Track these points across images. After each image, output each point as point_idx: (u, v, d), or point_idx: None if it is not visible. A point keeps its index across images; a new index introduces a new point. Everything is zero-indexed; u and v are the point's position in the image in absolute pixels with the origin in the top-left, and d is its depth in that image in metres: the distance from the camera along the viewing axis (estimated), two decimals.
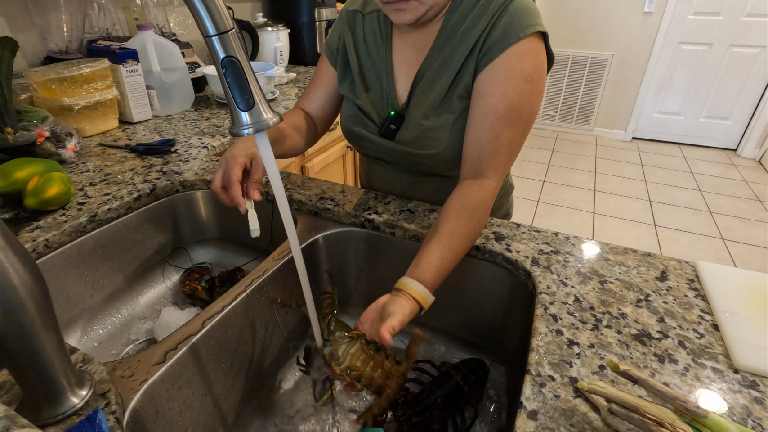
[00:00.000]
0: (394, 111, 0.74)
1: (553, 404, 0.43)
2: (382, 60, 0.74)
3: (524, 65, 0.63)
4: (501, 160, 0.65)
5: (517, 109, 0.64)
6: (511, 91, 0.63)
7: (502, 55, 0.63)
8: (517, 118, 0.64)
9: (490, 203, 0.64)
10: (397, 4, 0.62)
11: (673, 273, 0.62)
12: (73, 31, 1.23)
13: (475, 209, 0.62)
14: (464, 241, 0.60)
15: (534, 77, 0.64)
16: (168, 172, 0.89)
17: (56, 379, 0.40)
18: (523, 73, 0.63)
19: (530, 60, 0.63)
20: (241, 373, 0.64)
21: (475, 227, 0.62)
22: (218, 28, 0.35)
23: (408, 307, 0.53)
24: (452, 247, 0.59)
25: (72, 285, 0.72)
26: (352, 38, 0.76)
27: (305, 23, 1.86)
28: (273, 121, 0.40)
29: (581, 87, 3.73)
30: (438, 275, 0.57)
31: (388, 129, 0.75)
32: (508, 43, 0.62)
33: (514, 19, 0.62)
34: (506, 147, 0.65)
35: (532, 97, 0.65)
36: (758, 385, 0.46)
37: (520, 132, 0.65)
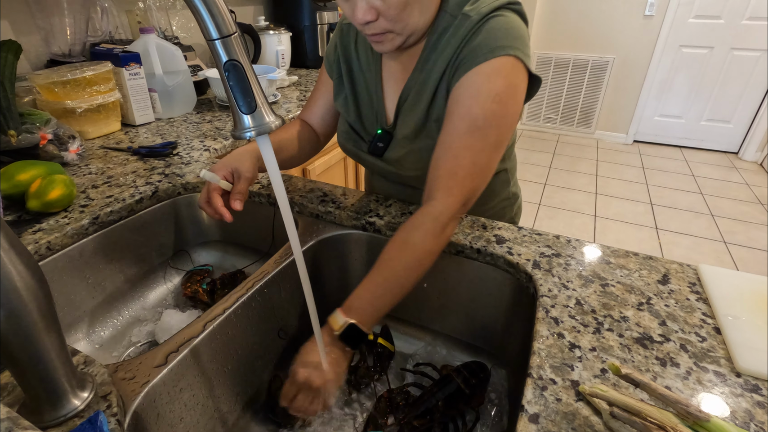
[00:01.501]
0: (382, 129, 0.74)
1: (555, 408, 0.43)
2: (373, 77, 0.73)
3: (492, 84, 0.59)
4: (456, 182, 0.60)
5: (481, 129, 0.59)
6: (477, 109, 0.59)
7: (469, 72, 0.60)
8: (482, 138, 0.60)
9: (432, 226, 0.58)
10: (373, 37, 0.62)
11: (674, 276, 0.62)
12: (76, 34, 1.23)
13: (412, 232, 0.58)
14: (396, 267, 0.57)
15: (503, 98, 0.59)
16: (170, 174, 0.89)
17: (58, 381, 0.40)
18: (491, 92, 0.59)
19: (500, 79, 0.59)
20: (243, 375, 0.64)
21: (408, 252, 0.57)
22: (221, 32, 0.36)
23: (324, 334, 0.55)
24: (382, 273, 0.57)
25: (74, 287, 0.72)
26: (345, 53, 0.76)
27: (307, 26, 1.86)
28: (275, 124, 0.40)
29: (582, 90, 3.73)
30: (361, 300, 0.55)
31: (376, 147, 0.74)
32: (476, 62, 0.59)
33: (488, 38, 0.59)
34: (465, 168, 0.60)
35: (502, 119, 0.60)
36: (760, 389, 0.45)
37: (485, 155, 0.61)
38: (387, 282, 0.56)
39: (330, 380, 0.54)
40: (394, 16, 0.58)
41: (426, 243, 0.58)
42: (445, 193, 0.60)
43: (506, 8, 0.62)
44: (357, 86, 0.76)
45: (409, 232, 0.59)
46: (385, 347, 0.71)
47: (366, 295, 0.56)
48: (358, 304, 0.55)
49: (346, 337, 0.54)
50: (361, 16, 0.57)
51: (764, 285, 0.59)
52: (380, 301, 0.56)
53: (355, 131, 0.77)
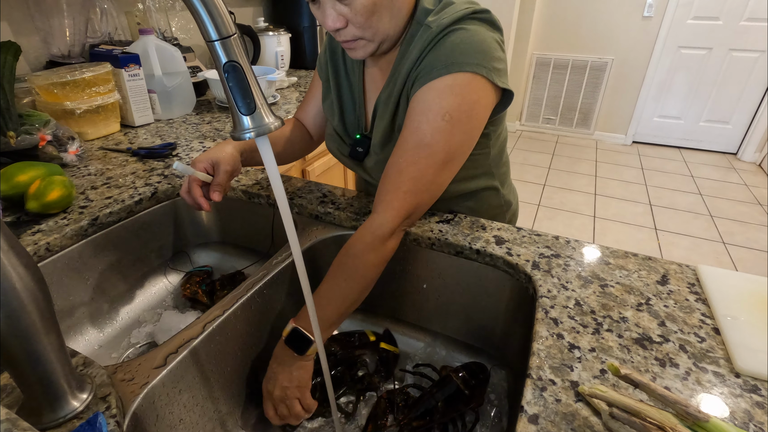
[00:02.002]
0: (360, 135, 0.74)
1: (554, 408, 0.43)
2: (356, 81, 0.74)
3: (443, 101, 0.58)
4: (396, 197, 0.60)
5: (428, 146, 0.58)
6: (425, 126, 0.58)
7: (423, 88, 0.59)
8: (427, 156, 0.58)
9: (371, 241, 0.59)
10: (346, 44, 0.62)
11: (673, 277, 0.62)
12: (75, 35, 1.24)
13: (351, 247, 0.60)
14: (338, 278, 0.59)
15: (454, 116, 0.58)
16: (169, 175, 0.89)
17: (57, 383, 0.40)
18: (441, 110, 0.58)
19: (452, 97, 0.58)
20: (242, 377, 0.64)
21: (348, 265, 0.59)
22: (220, 33, 0.36)
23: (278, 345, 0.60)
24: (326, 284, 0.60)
25: (73, 288, 0.72)
26: (333, 57, 0.76)
27: (306, 28, 1.87)
28: (274, 125, 0.40)
29: (581, 91, 3.74)
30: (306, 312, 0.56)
31: (356, 151, 0.75)
32: (430, 77, 0.58)
33: (445, 53, 0.58)
34: (407, 184, 0.59)
35: (451, 136, 0.58)
36: (759, 389, 0.45)
37: (431, 171, 0.59)
38: (329, 292, 0.59)
39: (286, 387, 0.57)
40: (362, 23, 0.58)
41: (365, 255, 0.59)
42: (386, 207, 0.60)
43: (471, 19, 0.60)
44: (342, 90, 0.76)
45: (350, 245, 0.60)
46: (389, 351, 0.71)
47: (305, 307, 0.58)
48: (304, 314, 0.58)
49: (291, 342, 0.57)
50: (331, 23, 0.58)
51: (763, 285, 0.59)
52: (323, 311, 0.57)
53: (338, 135, 0.78)
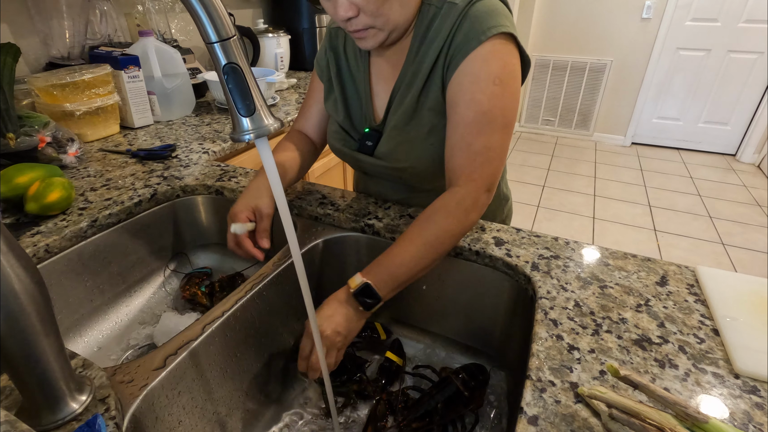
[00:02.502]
0: (369, 128, 0.74)
1: (554, 410, 0.43)
2: (362, 77, 0.74)
3: (490, 67, 0.60)
4: (475, 168, 0.62)
5: (488, 113, 0.61)
6: (479, 95, 0.60)
7: (466, 60, 0.61)
8: (489, 123, 0.61)
9: (455, 210, 0.61)
10: (356, 33, 0.63)
11: (673, 278, 0.62)
12: (75, 37, 1.24)
13: (434, 213, 0.61)
14: (415, 243, 0.60)
15: (503, 78, 0.61)
16: (169, 177, 0.89)
17: (56, 385, 0.40)
18: (490, 76, 0.60)
19: (496, 61, 0.61)
20: (241, 378, 0.63)
21: (429, 229, 0.60)
22: (220, 35, 0.36)
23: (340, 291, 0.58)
24: (402, 245, 0.60)
25: (72, 290, 0.72)
26: (334, 55, 0.76)
27: (306, 29, 1.87)
28: (274, 127, 0.40)
29: (580, 92, 3.74)
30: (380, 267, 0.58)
31: (365, 145, 0.75)
32: (470, 48, 0.60)
33: (475, 22, 0.60)
34: (481, 155, 0.62)
35: (505, 100, 0.61)
36: (759, 391, 0.45)
37: (497, 137, 0.62)
38: (406, 253, 0.59)
39: (339, 332, 0.56)
40: (374, 11, 0.59)
41: (447, 223, 0.60)
42: (467, 180, 0.62)
43: None
44: (346, 87, 0.76)
45: (432, 212, 0.61)
46: (393, 361, 0.70)
47: (385, 262, 0.58)
48: (376, 270, 0.58)
49: (360, 296, 0.56)
50: (343, 12, 0.58)
51: (763, 286, 0.59)
52: (398, 270, 0.58)
53: (344, 130, 0.78)
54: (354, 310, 0.57)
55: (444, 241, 0.60)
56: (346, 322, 0.56)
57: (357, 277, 0.57)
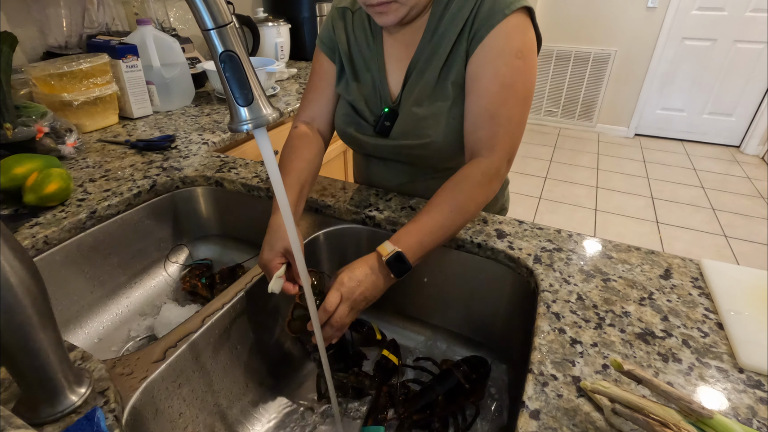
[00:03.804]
0: (388, 108, 0.73)
1: (556, 404, 0.43)
2: (374, 56, 0.73)
3: (513, 42, 0.63)
4: (498, 139, 0.64)
5: (511, 86, 0.63)
6: (503, 69, 0.63)
7: (490, 34, 0.63)
8: (512, 95, 0.64)
9: (481, 179, 0.63)
10: (378, 8, 0.62)
11: (677, 271, 0.62)
12: (72, 26, 1.22)
13: (460, 182, 0.63)
14: (443, 210, 0.61)
15: (525, 53, 0.63)
16: (168, 168, 0.88)
17: (54, 378, 0.39)
18: (513, 50, 0.63)
19: (519, 36, 0.63)
20: (241, 370, 0.63)
21: (457, 197, 0.62)
22: (216, 22, 0.35)
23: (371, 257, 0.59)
24: (429, 213, 0.61)
25: (72, 281, 0.72)
26: (342, 36, 0.75)
27: (306, 18, 1.84)
28: (272, 117, 0.39)
29: (584, 83, 3.70)
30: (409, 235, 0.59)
31: (383, 126, 0.74)
32: (494, 21, 0.62)
33: None
34: (504, 126, 0.64)
35: (526, 73, 0.64)
36: (763, 385, 0.45)
37: (518, 109, 0.65)
38: (434, 221, 0.60)
39: (367, 297, 0.57)
40: None
41: (473, 191, 0.63)
42: (491, 150, 0.64)
43: None
44: (357, 68, 0.75)
45: (458, 181, 0.63)
46: (390, 359, 0.70)
47: (414, 230, 0.60)
48: (405, 238, 0.59)
49: (393, 264, 0.57)
50: None
51: (767, 280, 0.59)
52: (427, 238, 0.59)
53: (358, 113, 0.76)
54: (383, 278, 0.58)
55: (470, 209, 0.63)
56: (374, 289, 0.58)
57: (387, 245, 0.58)
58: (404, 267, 0.58)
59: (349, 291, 0.56)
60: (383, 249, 0.58)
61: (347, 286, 0.56)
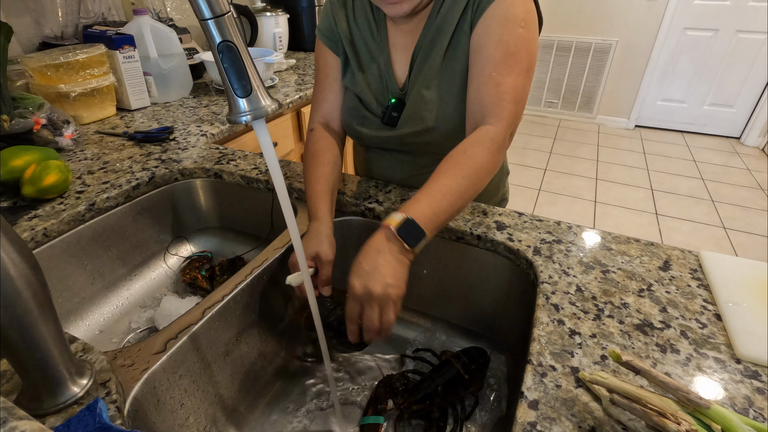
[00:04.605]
0: (395, 98, 0.73)
1: (555, 394, 0.43)
2: (378, 45, 0.73)
3: (516, 10, 0.62)
4: (504, 107, 0.62)
5: (515, 55, 0.62)
6: (507, 36, 0.62)
7: (493, 3, 0.62)
8: (516, 63, 0.62)
9: (489, 145, 0.60)
10: None
11: (676, 263, 0.62)
12: (68, 16, 1.21)
13: (470, 147, 0.60)
14: (452, 175, 0.57)
15: (528, 22, 0.63)
16: (167, 160, 0.88)
17: (56, 369, 0.40)
18: (516, 18, 0.62)
19: (521, 5, 0.63)
20: (242, 361, 0.64)
21: (467, 163, 0.58)
22: (214, 11, 0.34)
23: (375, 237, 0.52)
24: (439, 180, 0.56)
25: (72, 274, 0.72)
26: (344, 27, 0.74)
27: (305, 8, 1.82)
28: (271, 108, 0.39)
29: (584, 74, 3.68)
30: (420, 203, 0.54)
31: (391, 117, 0.73)
32: None
33: None
34: (509, 94, 0.62)
35: (529, 43, 0.63)
36: (760, 375, 0.45)
37: (522, 79, 0.63)
38: (446, 188, 0.56)
39: (390, 284, 0.49)
40: None
41: (484, 157, 0.59)
42: (497, 118, 0.62)
43: None
44: (362, 59, 0.74)
45: (467, 147, 0.60)
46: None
47: (424, 198, 0.54)
48: (415, 206, 0.53)
49: (404, 232, 0.51)
50: None
51: (765, 271, 0.59)
52: (438, 205, 0.54)
53: (364, 105, 0.75)
54: (398, 253, 0.51)
55: (481, 177, 0.59)
56: (393, 270, 0.50)
57: (396, 215, 0.52)
58: (418, 234, 0.51)
59: (366, 293, 0.49)
60: (391, 220, 0.52)
61: (359, 287, 0.49)
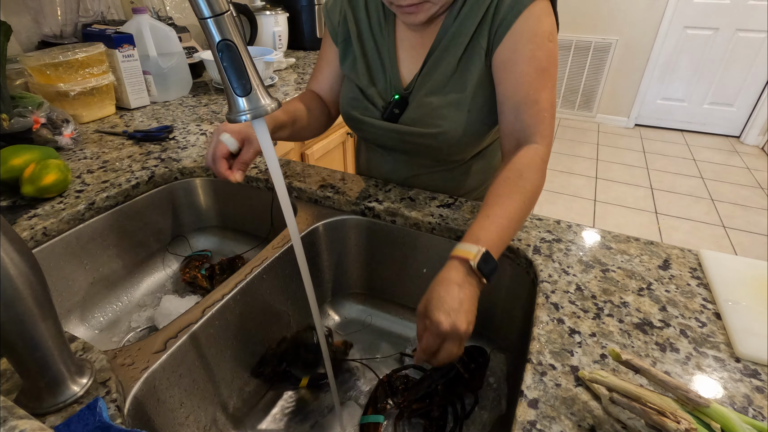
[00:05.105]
0: (399, 95, 0.72)
1: (554, 393, 0.43)
2: (385, 41, 0.72)
3: (544, 25, 0.61)
4: (546, 124, 0.63)
5: (547, 70, 0.62)
6: (539, 52, 0.61)
7: (519, 19, 0.61)
8: (549, 78, 0.62)
9: (542, 166, 0.60)
10: (408, 8, 0.61)
11: (675, 261, 0.62)
12: (67, 14, 1.20)
13: (525, 170, 0.58)
14: (515, 200, 0.56)
15: (554, 34, 0.63)
16: (166, 159, 0.88)
17: (56, 368, 0.40)
18: (545, 33, 0.61)
19: (547, 18, 0.62)
20: (242, 360, 0.64)
21: (525, 186, 0.57)
22: (213, 10, 0.34)
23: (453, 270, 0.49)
24: (501, 205, 0.55)
25: (72, 273, 0.72)
26: (353, 14, 0.73)
27: (304, 7, 1.82)
28: (271, 107, 0.39)
29: (584, 73, 3.68)
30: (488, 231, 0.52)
31: (392, 113, 0.73)
32: (522, 7, 0.61)
33: None
34: (548, 111, 0.63)
35: (556, 56, 0.64)
36: (759, 374, 0.46)
37: (553, 92, 0.64)
38: (510, 213, 0.55)
39: (472, 322, 0.48)
40: None
41: (538, 178, 0.59)
42: (543, 136, 0.62)
43: None
44: (367, 49, 0.73)
45: (521, 168, 0.59)
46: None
47: (492, 227, 0.53)
48: (485, 235, 0.51)
49: (482, 267, 0.49)
50: None
51: (765, 270, 0.59)
52: (506, 232, 0.54)
53: (366, 97, 0.75)
54: (476, 287, 0.49)
55: (534, 199, 0.59)
56: (473, 305, 0.48)
57: (470, 247, 0.50)
58: (494, 266, 0.50)
59: (453, 330, 0.46)
60: (467, 253, 0.49)
61: (447, 324, 0.45)
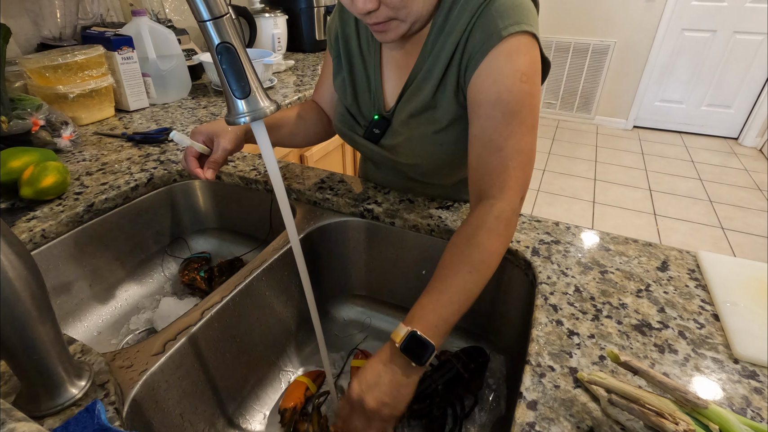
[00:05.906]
0: (379, 115, 0.71)
1: (553, 394, 0.43)
2: (372, 59, 0.70)
3: (516, 63, 0.55)
4: (510, 175, 0.56)
5: (517, 114, 0.55)
6: (506, 95, 0.55)
7: (487, 57, 0.56)
8: (519, 124, 0.55)
9: (496, 227, 0.54)
10: (376, 27, 0.58)
11: (674, 263, 0.62)
12: (66, 17, 1.21)
13: (473, 234, 0.53)
14: (460, 272, 0.51)
15: (530, 75, 0.56)
16: (165, 161, 0.88)
17: (54, 371, 0.40)
18: (516, 73, 0.55)
19: (522, 56, 0.55)
20: (240, 363, 0.64)
21: (472, 255, 0.52)
22: (212, 13, 0.34)
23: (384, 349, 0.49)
24: (444, 280, 0.52)
25: (71, 275, 0.72)
26: (345, 30, 0.72)
27: (303, 9, 1.82)
28: (270, 110, 0.39)
29: (583, 75, 3.69)
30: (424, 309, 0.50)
31: (372, 133, 0.71)
32: (490, 45, 0.55)
33: (496, 17, 0.55)
34: (514, 159, 0.56)
35: (533, 98, 0.56)
36: (758, 375, 0.46)
37: (527, 139, 0.56)
38: (452, 288, 0.51)
39: (386, 403, 0.46)
40: (396, 3, 0.54)
41: (491, 243, 0.53)
42: (501, 189, 0.56)
43: None
44: (355, 68, 0.73)
45: (470, 233, 0.54)
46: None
47: (428, 304, 0.50)
48: (420, 314, 0.49)
49: (408, 350, 0.47)
50: (362, 5, 0.53)
51: (763, 272, 0.59)
52: (446, 310, 0.50)
53: (351, 115, 0.75)
54: (403, 370, 0.47)
55: (490, 264, 0.53)
56: (393, 389, 0.47)
57: (401, 329, 0.48)
58: (425, 349, 0.47)
59: (359, 402, 0.47)
60: (396, 335, 0.48)
61: (355, 394, 0.47)
